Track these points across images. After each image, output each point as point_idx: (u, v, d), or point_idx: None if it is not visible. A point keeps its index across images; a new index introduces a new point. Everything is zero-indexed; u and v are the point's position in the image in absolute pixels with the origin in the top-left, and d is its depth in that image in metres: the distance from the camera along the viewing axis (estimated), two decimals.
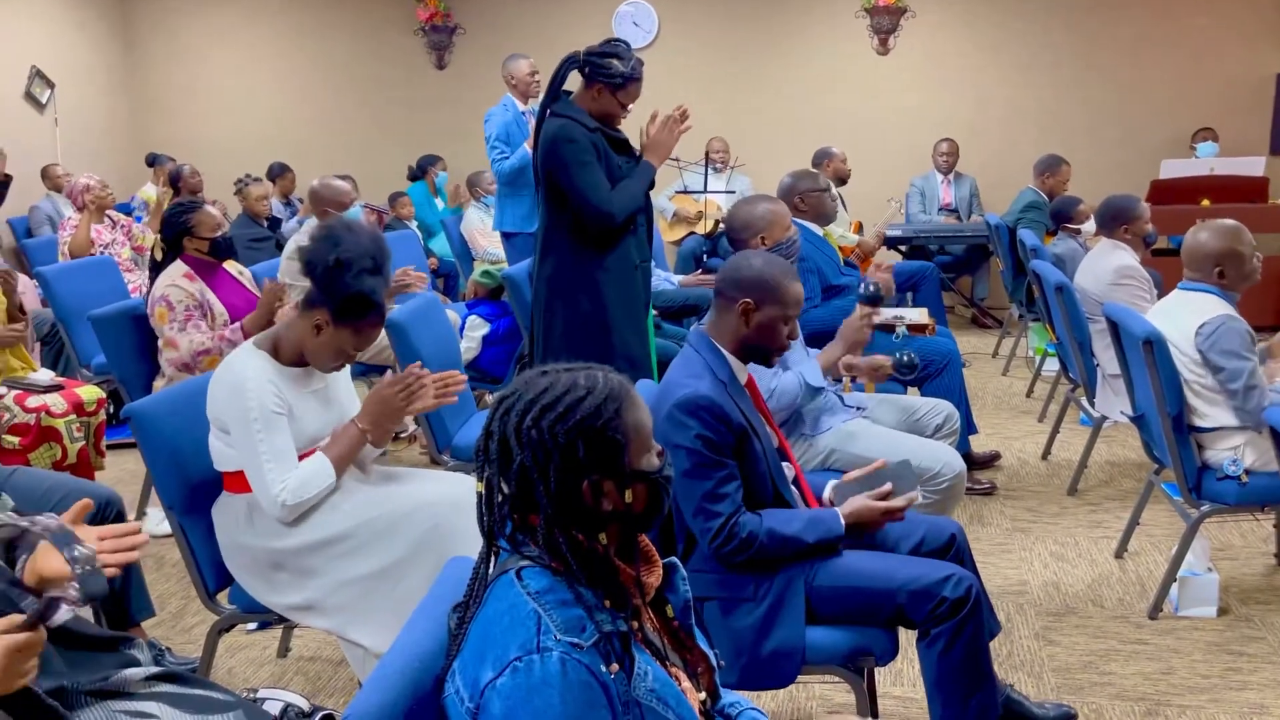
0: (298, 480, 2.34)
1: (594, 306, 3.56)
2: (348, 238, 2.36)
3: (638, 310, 3.65)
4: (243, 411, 2.32)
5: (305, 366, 2.45)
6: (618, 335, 3.58)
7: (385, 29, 8.85)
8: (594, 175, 3.44)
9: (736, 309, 2.34)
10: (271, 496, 2.32)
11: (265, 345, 2.43)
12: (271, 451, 2.32)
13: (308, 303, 2.39)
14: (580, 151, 3.43)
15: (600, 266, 3.55)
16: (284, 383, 2.39)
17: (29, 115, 8.01)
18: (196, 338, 3.66)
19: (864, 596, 2.16)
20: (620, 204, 3.48)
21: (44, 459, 3.60)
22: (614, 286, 3.57)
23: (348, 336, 2.38)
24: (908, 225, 7.56)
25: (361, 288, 2.33)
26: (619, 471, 1.32)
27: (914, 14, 8.14)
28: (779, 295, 2.35)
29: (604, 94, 3.50)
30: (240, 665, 3.05)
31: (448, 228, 7.22)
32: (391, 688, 1.26)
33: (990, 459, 4.52)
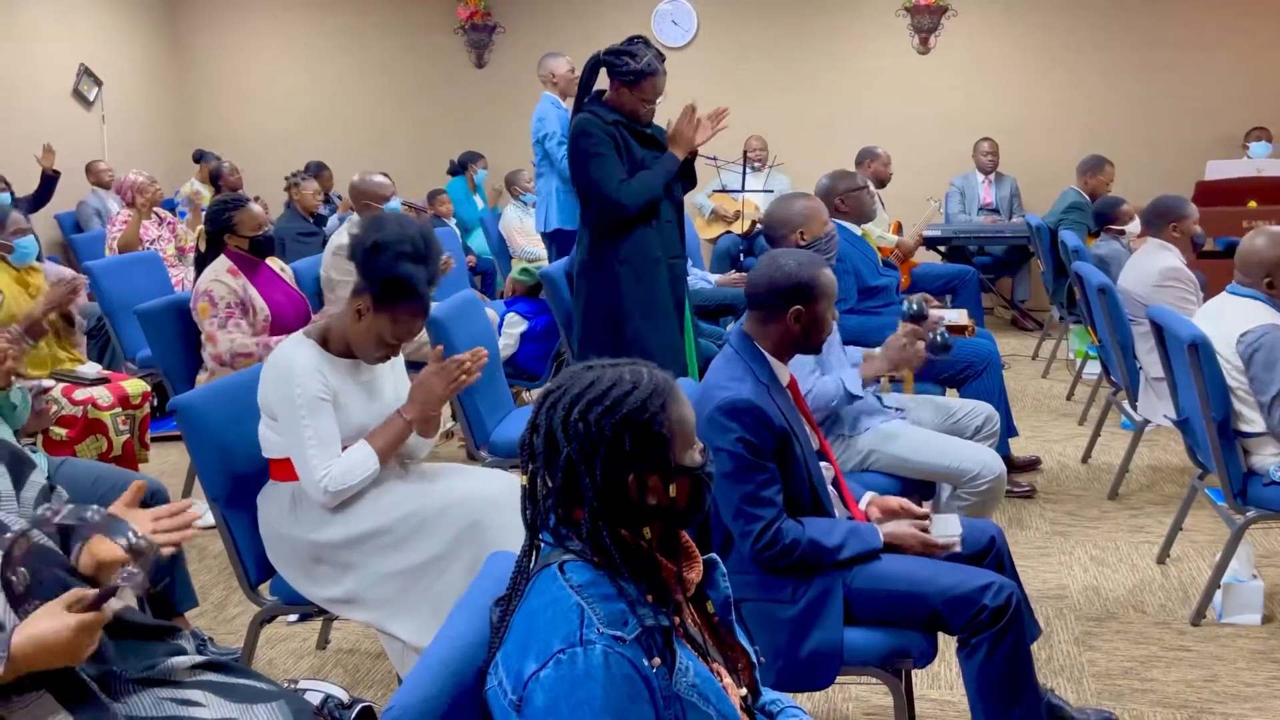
0: (341, 467, 2.37)
1: (610, 299, 3.62)
2: (391, 224, 2.40)
3: (660, 305, 3.66)
4: (289, 397, 2.35)
5: (354, 358, 2.48)
6: (632, 328, 3.60)
7: (425, 28, 8.91)
8: (605, 167, 3.51)
9: (786, 317, 2.33)
10: (314, 481, 2.35)
11: (315, 335, 2.47)
12: (316, 436, 2.36)
13: (354, 290, 2.42)
14: (594, 144, 3.51)
15: (616, 258, 3.60)
16: (332, 372, 2.42)
17: (77, 112, 8.14)
18: (239, 339, 3.70)
19: (902, 601, 2.15)
20: (631, 195, 3.51)
21: (90, 451, 3.66)
22: (631, 279, 3.60)
23: (387, 322, 2.40)
24: (947, 225, 7.51)
25: (399, 271, 2.35)
26: (664, 466, 1.33)
27: (955, 13, 8.07)
28: (820, 288, 2.35)
29: (623, 91, 3.57)
30: (280, 656, 3.09)
31: (486, 225, 7.26)
32: (434, 680, 1.27)
33: (1030, 464, 4.48)
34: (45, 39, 7.82)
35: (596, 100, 3.61)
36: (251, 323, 3.78)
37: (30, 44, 7.67)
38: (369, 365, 2.51)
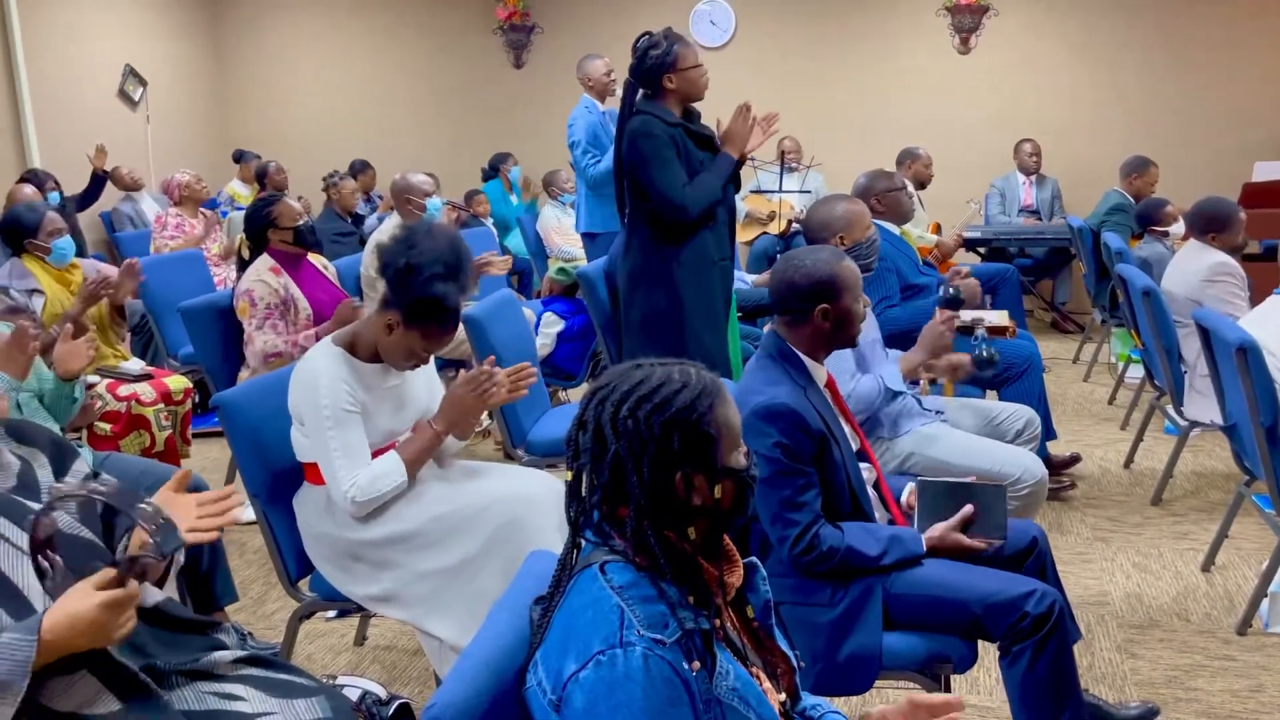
0: (368, 478, 2.37)
1: (669, 302, 3.59)
2: (423, 242, 2.37)
3: (714, 307, 3.66)
4: (316, 408, 2.36)
5: (382, 363, 2.48)
6: (691, 331, 3.59)
7: (464, 29, 8.96)
8: (670, 170, 3.48)
9: (813, 317, 2.31)
10: (341, 492, 2.36)
11: (343, 342, 2.47)
12: (343, 448, 2.36)
13: (383, 302, 2.42)
14: (658, 146, 3.48)
15: (676, 261, 3.58)
16: (359, 380, 2.42)
17: (122, 113, 8.26)
18: (271, 339, 3.73)
19: (942, 606, 2.13)
20: (695, 198, 3.50)
21: (133, 446, 3.71)
22: (690, 282, 3.59)
23: (418, 339, 2.40)
24: (987, 227, 7.43)
25: (431, 292, 2.34)
26: (710, 466, 1.33)
27: (997, 12, 7.99)
28: (844, 283, 2.32)
29: (669, 78, 3.54)
30: (319, 652, 3.11)
31: (523, 225, 7.29)
32: (475, 678, 1.28)
33: (1070, 460, 4.42)
34: (92, 40, 7.94)
35: (652, 101, 3.58)
36: (293, 321, 3.81)
37: (78, 45, 7.80)
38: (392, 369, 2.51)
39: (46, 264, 3.93)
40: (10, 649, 1.45)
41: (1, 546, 1.61)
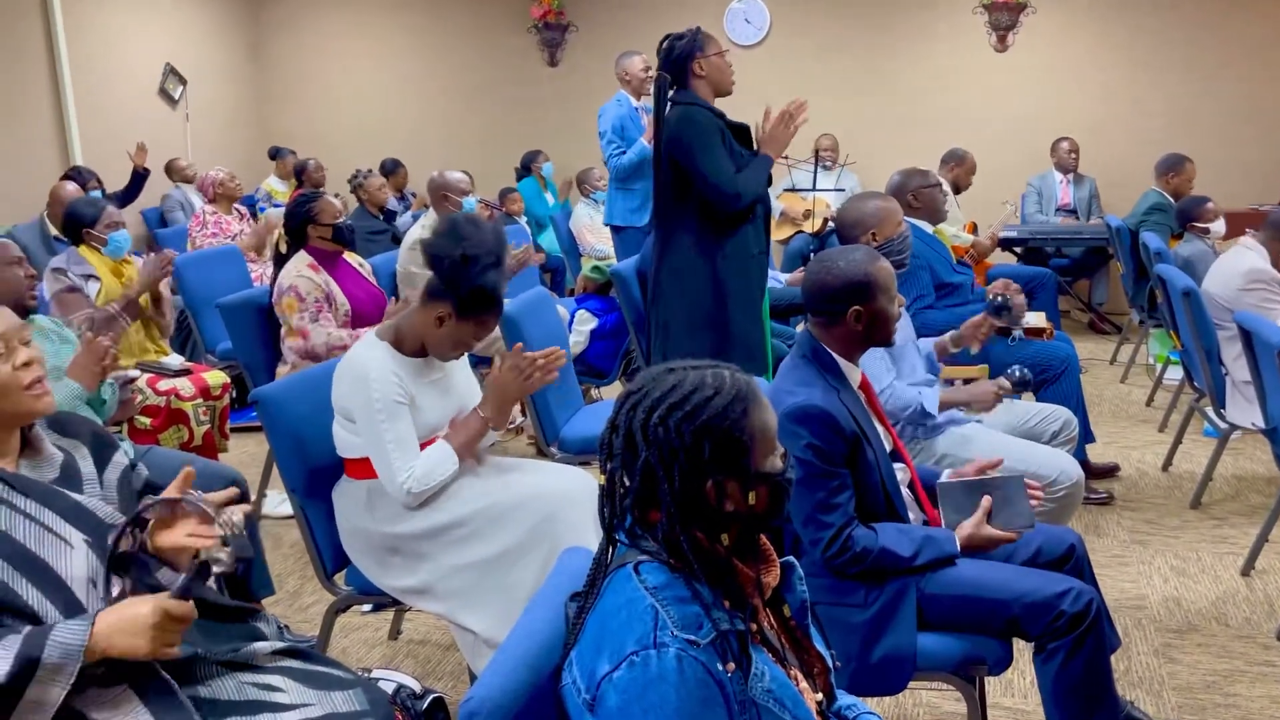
0: (423, 468, 2.40)
1: (713, 294, 3.59)
2: (472, 233, 2.40)
3: (754, 299, 3.67)
4: (367, 402, 2.38)
5: (426, 357, 2.50)
6: (735, 323, 3.59)
7: (499, 27, 8.99)
8: (719, 157, 3.49)
9: (846, 318, 2.30)
10: (397, 484, 2.38)
11: (387, 336, 2.49)
12: (396, 440, 2.38)
13: (430, 295, 2.43)
14: (705, 134, 3.49)
15: (720, 254, 3.58)
16: (406, 373, 2.45)
17: (163, 110, 8.36)
18: (334, 332, 3.76)
19: (977, 606, 2.11)
20: (746, 186, 3.51)
21: (172, 440, 3.75)
22: (733, 275, 3.59)
23: (469, 329, 2.43)
24: (1023, 226, 7.37)
25: (485, 283, 2.37)
26: (743, 472, 1.32)
27: (1034, 10, 7.91)
28: (877, 284, 2.30)
29: (698, 65, 3.56)
30: (353, 645, 3.14)
31: (556, 223, 7.31)
32: (511, 674, 1.28)
33: (1109, 470, 4.38)
34: (133, 39, 8.04)
35: (684, 92, 3.59)
36: (333, 317, 3.84)
37: (120, 44, 7.91)
38: (440, 363, 2.54)
39: (102, 255, 4.01)
40: (65, 634, 1.51)
41: (46, 537, 1.64)
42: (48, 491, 1.70)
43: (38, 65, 7.22)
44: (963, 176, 6.05)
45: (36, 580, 1.59)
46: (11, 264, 2.95)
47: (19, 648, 1.49)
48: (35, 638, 1.51)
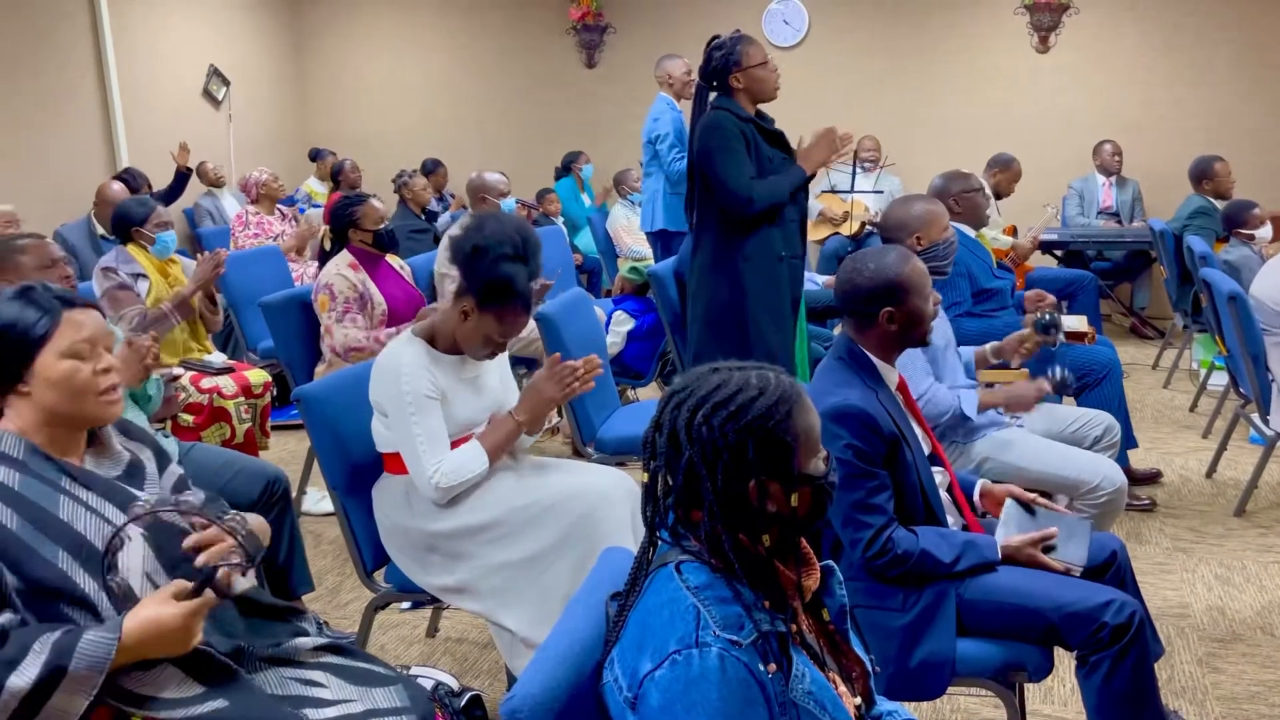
0: (452, 464, 2.41)
1: (733, 295, 3.61)
2: (491, 225, 2.43)
3: (780, 302, 3.65)
4: (398, 395, 2.40)
5: (460, 355, 2.52)
6: (755, 326, 3.60)
7: (538, 29, 9.03)
8: (736, 161, 3.51)
9: (879, 320, 2.29)
10: (426, 478, 2.40)
11: (423, 334, 2.52)
12: (426, 435, 2.40)
13: (458, 291, 2.46)
14: (725, 138, 3.52)
15: (742, 255, 3.60)
16: (439, 370, 2.47)
17: (206, 111, 8.48)
18: (352, 333, 3.80)
19: (1017, 614, 2.09)
20: (761, 193, 3.52)
21: (214, 437, 3.80)
22: (755, 276, 3.60)
23: (492, 323, 2.43)
24: (1064, 229, 7.29)
25: (500, 272, 2.38)
26: (786, 474, 1.32)
27: (1077, 10, 7.83)
28: (909, 284, 2.29)
29: (737, 76, 3.58)
30: (391, 642, 3.17)
31: (593, 224, 7.32)
32: (553, 672, 1.29)
33: (1151, 476, 4.32)
34: (178, 41, 8.16)
35: (725, 97, 3.62)
36: (369, 317, 3.88)
37: (165, 46, 8.02)
38: (475, 361, 2.55)
39: (149, 254, 4.07)
40: (92, 645, 1.52)
41: (106, 529, 1.67)
42: (110, 486, 1.73)
43: (85, 67, 7.35)
44: (1005, 183, 5.98)
45: (94, 571, 1.62)
46: (48, 266, 2.99)
47: (48, 654, 1.51)
48: (66, 643, 1.52)
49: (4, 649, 1.51)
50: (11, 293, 1.76)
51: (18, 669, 1.49)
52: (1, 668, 1.49)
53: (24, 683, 1.49)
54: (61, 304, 1.74)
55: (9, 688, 1.48)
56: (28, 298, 1.74)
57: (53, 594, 1.59)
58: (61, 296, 1.76)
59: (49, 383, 1.70)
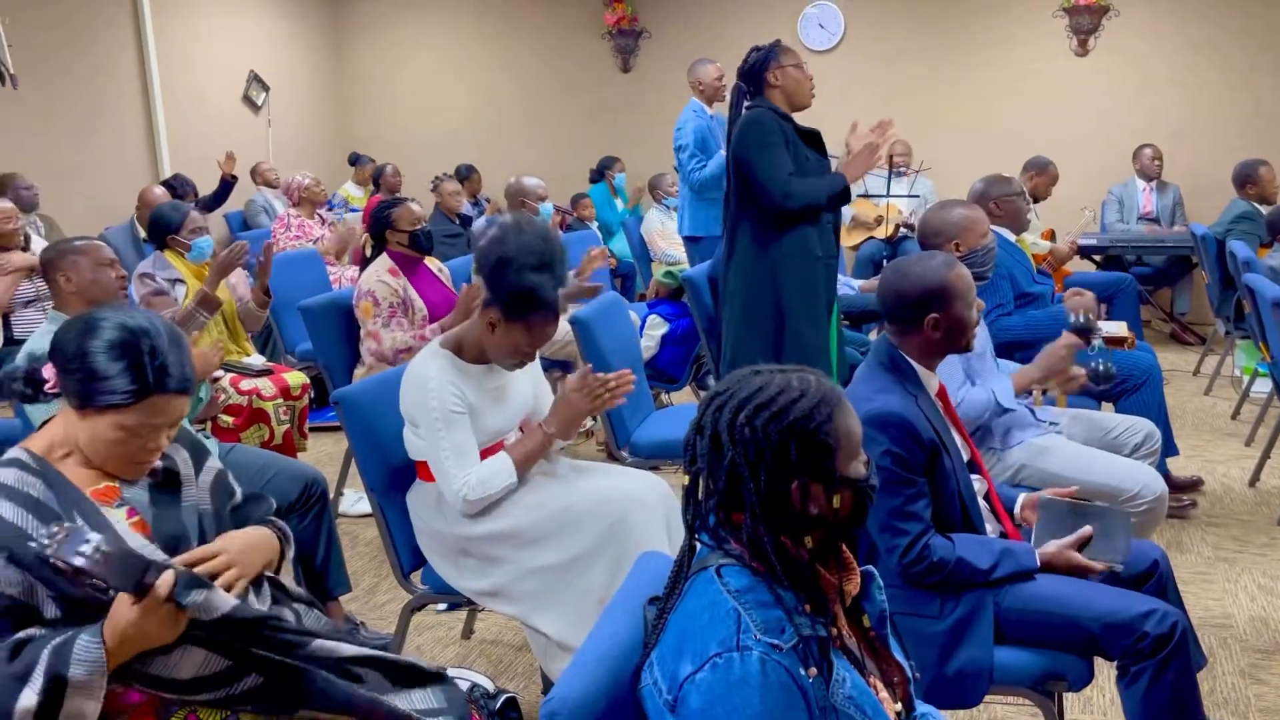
0: (479, 477, 2.42)
1: (771, 294, 3.62)
2: (514, 237, 2.42)
3: (817, 303, 3.66)
4: (426, 410, 2.42)
5: (488, 364, 2.52)
6: (792, 325, 3.60)
7: (573, 34, 9.06)
8: (775, 156, 3.52)
9: (924, 326, 2.28)
10: (454, 491, 2.41)
11: (449, 344, 2.52)
12: (453, 449, 2.41)
13: (485, 302, 2.46)
14: (765, 134, 3.54)
15: (780, 254, 3.60)
16: (466, 381, 2.47)
17: (246, 117, 8.58)
18: (399, 336, 3.83)
19: (1056, 623, 2.07)
20: (800, 191, 3.53)
21: (253, 439, 3.84)
22: (793, 275, 3.60)
23: (520, 333, 2.43)
24: (1103, 234, 7.21)
25: (524, 283, 2.37)
26: (828, 476, 1.32)
27: (1118, 13, 7.75)
28: (954, 291, 2.28)
29: (777, 73, 3.61)
30: (427, 644, 3.19)
31: (627, 229, 7.34)
32: (591, 675, 1.30)
33: (1192, 484, 4.26)
34: (219, 47, 8.27)
35: (761, 98, 3.64)
36: (410, 321, 3.91)
37: (206, 51, 8.14)
38: (498, 369, 2.54)
39: (186, 259, 4.12)
40: (85, 650, 1.51)
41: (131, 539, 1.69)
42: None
43: (129, 75, 7.47)
44: (1042, 186, 5.93)
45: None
46: (104, 265, 3.05)
47: (48, 661, 1.50)
48: (64, 650, 1.51)
49: (15, 662, 1.51)
50: (118, 345, 1.64)
51: (29, 682, 1.49)
52: (14, 682, 1.50)
53: (30, 702, 1.49)
54: (155, 388, 1.64)
55: (19, 707, 1.48)
56: (130, 362, 1.64)
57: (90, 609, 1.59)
58: (162, 376, 1.65)
59: (94, 436, 1.67)
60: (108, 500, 1.71)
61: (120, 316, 1.67)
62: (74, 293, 3.01)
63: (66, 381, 1.67)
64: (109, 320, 1.66)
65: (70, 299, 3.01)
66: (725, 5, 8.56)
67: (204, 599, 1.55)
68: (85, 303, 3.00)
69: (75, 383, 1.65)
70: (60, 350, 1.67)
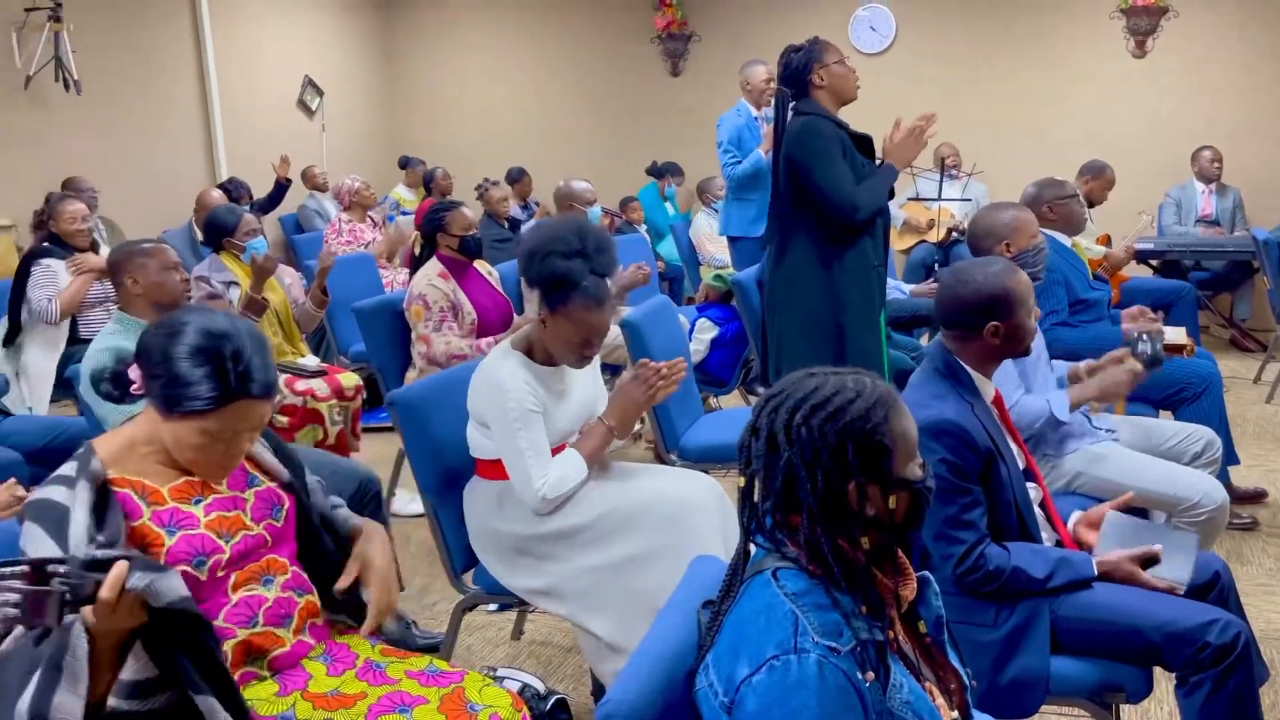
0: (556, 475, 2.45)
1: (832, 306, 3.55)
2: (544, 229, 2.47)
3: (873, 312, 3.62)
4: (503, 411, 2.44)
5: (555, 365, 2.55)
6: (853, 336, 3.55)
7: (623, 38, 9.09)
8: (840, 169, 3.45)
9: (984, 333, 2.26)
10: (533, 490, 2.43)
11: (520, 346, 2.55)
12: (532, 448, 2.43)
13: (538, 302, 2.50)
14: (826, 145, 3.45)
15: (840, 265, 3.54)
16: (538, 382, 2.50)
17: (300, 121, 8.72)
18: (454, 341, 3.86)
19: (1115, 632, 2.04)
20: (865, 200, 3.46)
21: (307, 439, 3.89)
22: (852, 286, 3.55)
23: (564, 324, 2.45)
24: (1160, 239, 7.09)
25: (554, 269, 2.40)
26: (885, 477, 1.32)
27: (1176, 14, 7.62)
28: (1016, 298, 2.26)
29: (821, 73, 3.52)
30: (477, 644, 3.21)
31: (676, 232, 7.35)
32: (647, 678, 1.30)
33: (1254, 495, 4.17)
34: (276, 53, 8.41)
35: (807, 102, 3.57)
36: (460, 324, 3.94)
37: (262, 59, 8.28)
38: (570, 371, 2.57)
39: (241, 261, 4.19)
40: (77, 638, 1.47)
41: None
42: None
43: (188, 79, 7.61)
44: (1098, 190, 5.84)
45: None
46: (169, 268, 3.11)
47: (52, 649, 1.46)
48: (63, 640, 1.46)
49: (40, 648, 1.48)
50: (201, 350, 1.63)
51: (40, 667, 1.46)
52: (32, 666, 1.47)
53: (30, 691, 1.46)
54: (239, 393, 1.64)
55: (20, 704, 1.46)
56: (214, 368, 1.63)
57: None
58: (245, 381, 1.63)
59: (178, 440, 1.67)
60: (185, 498, 1.73)
61: (204, 320, 1.67)
62: (140, 295, 3.07)
63: (151, 385, 1.67)
64: (192, 324, 1.66)
65: (136, 301, 3.08)
66: (775, 9, 8.54)
67: (148, 583, 1.45)
68: (150, 305, 3.06)
69: (160, 387, 1.65)
70: (145, 354, 1.68)
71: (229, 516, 1.76)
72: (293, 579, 1.83)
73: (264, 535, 1.80)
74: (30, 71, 6.30)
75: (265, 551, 1.80)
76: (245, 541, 1.76)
